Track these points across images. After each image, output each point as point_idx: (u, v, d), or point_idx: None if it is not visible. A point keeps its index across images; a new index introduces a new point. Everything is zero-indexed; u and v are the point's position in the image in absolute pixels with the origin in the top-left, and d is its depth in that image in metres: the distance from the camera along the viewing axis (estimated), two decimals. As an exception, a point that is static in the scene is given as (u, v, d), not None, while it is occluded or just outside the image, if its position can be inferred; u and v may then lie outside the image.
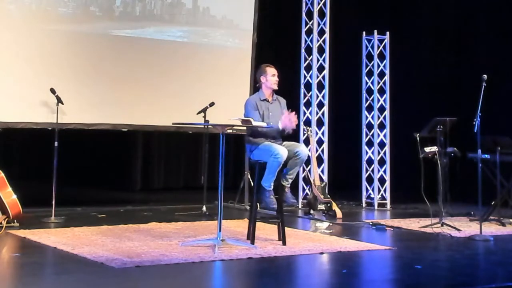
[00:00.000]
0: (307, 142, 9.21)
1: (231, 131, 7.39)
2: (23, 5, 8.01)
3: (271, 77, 6.62)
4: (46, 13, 8.14)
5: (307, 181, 9.39)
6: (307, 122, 9.77)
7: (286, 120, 6.40)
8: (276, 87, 6.65)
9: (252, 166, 6.77)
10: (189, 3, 9.08)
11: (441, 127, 7.85)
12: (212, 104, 8.40)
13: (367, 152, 9.98)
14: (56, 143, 7.58)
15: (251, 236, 6.27)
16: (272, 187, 6.41)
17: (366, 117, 10.01)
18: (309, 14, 10.04)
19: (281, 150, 6.28)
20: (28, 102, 7.92)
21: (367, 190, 9.97)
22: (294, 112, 6.47)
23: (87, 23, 8.40)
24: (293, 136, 7.89)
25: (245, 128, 6.48)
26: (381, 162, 9.91)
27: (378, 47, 9.98)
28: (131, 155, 11.53)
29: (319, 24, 9.99)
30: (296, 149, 6.44)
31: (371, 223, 7.83)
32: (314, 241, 6.58)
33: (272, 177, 6.35)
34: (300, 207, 9.49)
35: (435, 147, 7.69)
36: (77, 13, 8.33)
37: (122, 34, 8.64)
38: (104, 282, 4.90)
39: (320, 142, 9.85)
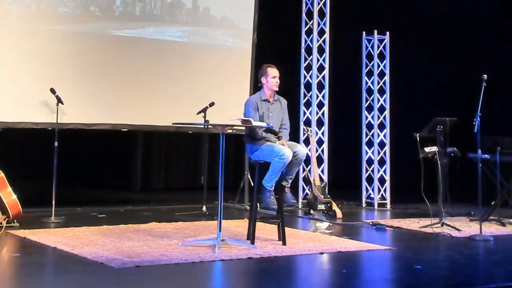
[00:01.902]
0: (307, 142, 9.22)
1: (231, 131, 7.39)
2: (22, 5, 8.00)
3: (271, 78, 6.61)
4: (46, 13, 8.14)
5: (307, 181, 9.39)
6: (307, 122, 9.77)
7: None
8: (276, 89, 6.64)
9: (252, 166, 6.77)
10: (189, 3, 9.08)
11: (441, 127, 7.85)
12: (212, 104, 8.40)
13: (367, 152, 9.98)
14: (56, 143, 7.58)
15: (251, 236, 6.27)
16: (273, 187, 6.42)
17: (366, 117, 10.01)
18: (309, 14, 10.04)
19: (286, 151, 6.29)
20: (28, 102, 7.92)
21: (367, 190, 9.97)
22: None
23: (87, 23, 8.40)
24: (293, 136, 7.90)
25: (245, 128, 6.47)
26: (381, 162, 9.91)
27: (378, 47, 9.98)
28: (131, 155, 11.52)
29: (319, 24, 9.99)
30: (295, 149, 6.44)
31: (371, 223, 7.83)
32: (314, 241, 6.58)
33: (276, 177, 6.36)
34: (300, 207, 9.49)
35: (435, 147, 7.69)
36: (77, 13, 8.33)
37: (122, 34, 8.64)
38: (104, 282, 4.91)
39: (320, 142, 9.85)
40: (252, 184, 7.79)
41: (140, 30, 8.74)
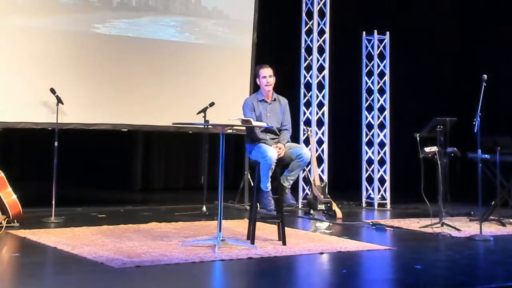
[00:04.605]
0: (307, 142, 9.22)
1: (231, 131, 7.39)
2: (23, 5, 7.99)
3: (262, 79, 6.59)
4: (46, 13, 8.13)
5: (307, 181, 9.39)
6: (307, 122, 9.77)
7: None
8: (268, 89, 6.58)
9: (252, 166, 6.77)
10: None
11: (441, 127, 7.85)
12: (212, 104, 8.40)
13: (367, 152, 9.98)
14: (56, 143, 7.58)
15: (251, 236, 6.27)
16: (269, 188, 6.40)
17: (366, 117, 10.01)
18: (309, 14, 10.04)
19: (270, 152, 6.26)
20: (28, 102, 7.92)
21: (367, 190, 9.97)
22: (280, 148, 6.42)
23: (87, 24, 8.39)
24: (293, 136, 7.89)
25: (245, 128, 6.47)
26: (381, 162, 9.91)
27: (378, 47, 9.98)
28: (131, 155, 11.52)
29: (319, 24, 9.99)
30: (299, 151, 6.43)
31: (371, 223, 7.83)
32: (314, 241, 6.57)
33: (266, 178, 6.33)
34: (300, 207, 9.49)
35: (435, 147, 7.68)
36: (78, 13, 8.32)
37: (122, 34, 8.63)
38: (104, 282, 4.90)
39: (320, 142, 9.85)
40: (252, 184, 7.78)
41: (141, 30, 8.74)
